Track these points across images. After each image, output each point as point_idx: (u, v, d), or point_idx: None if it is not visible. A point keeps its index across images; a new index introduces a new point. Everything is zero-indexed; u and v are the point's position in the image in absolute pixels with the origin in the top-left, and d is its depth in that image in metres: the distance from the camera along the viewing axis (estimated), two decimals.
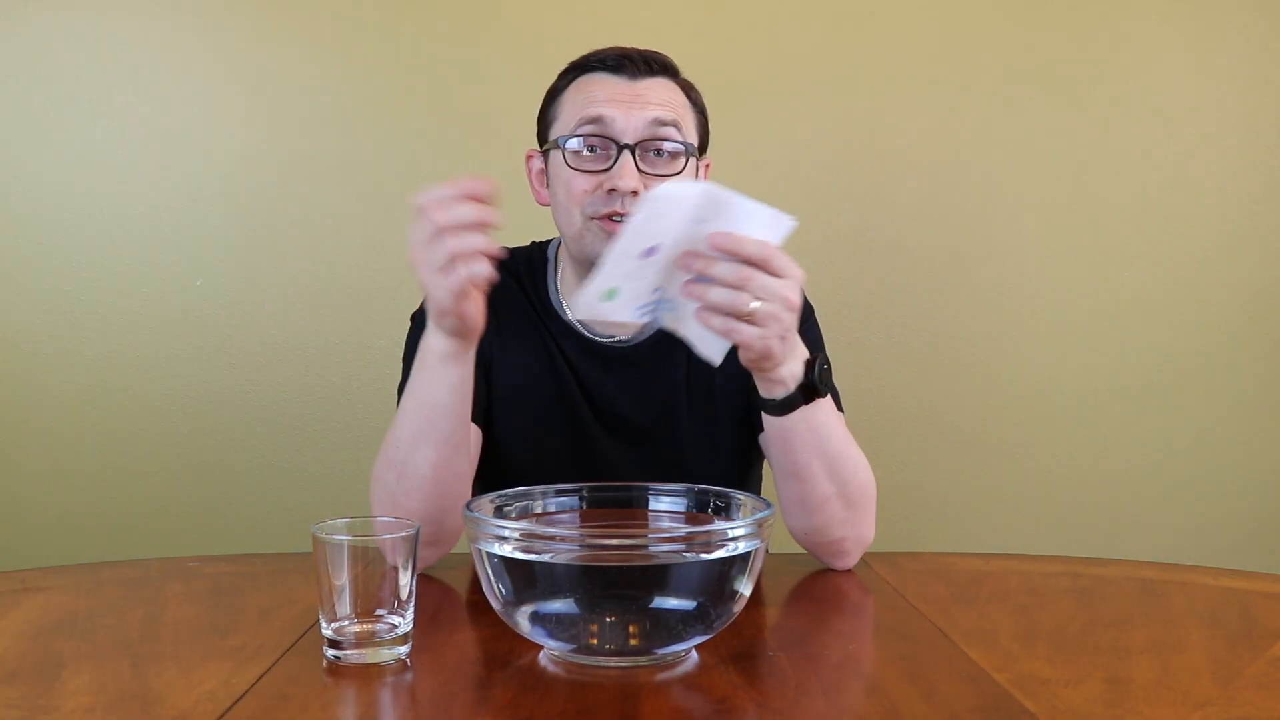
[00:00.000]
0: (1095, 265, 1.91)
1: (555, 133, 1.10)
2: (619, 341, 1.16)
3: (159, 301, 1.83)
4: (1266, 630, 0.92)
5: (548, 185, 1.14)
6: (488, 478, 1.17)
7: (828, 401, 1.00)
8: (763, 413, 1.00)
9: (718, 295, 0.87)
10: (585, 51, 1.14)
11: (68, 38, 1.80)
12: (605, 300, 0.88)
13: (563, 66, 1.14)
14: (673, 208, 0.84)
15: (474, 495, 1.20)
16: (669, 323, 0.91)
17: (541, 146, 1.15)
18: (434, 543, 1.03)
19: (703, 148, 1.14)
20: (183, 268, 1.83)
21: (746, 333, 0.88)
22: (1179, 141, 1.90)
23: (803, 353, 0.97)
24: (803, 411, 0.97)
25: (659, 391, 1.15)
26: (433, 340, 0.95)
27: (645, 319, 0.90)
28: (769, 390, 0.97)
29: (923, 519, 1.92)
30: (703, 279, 0.86)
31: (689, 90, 1.13)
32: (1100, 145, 1.89)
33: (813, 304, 1.22)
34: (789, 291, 0.88)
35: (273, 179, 1.83)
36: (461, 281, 0.86)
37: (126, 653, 0.84)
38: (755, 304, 0.87)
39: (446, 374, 0.95)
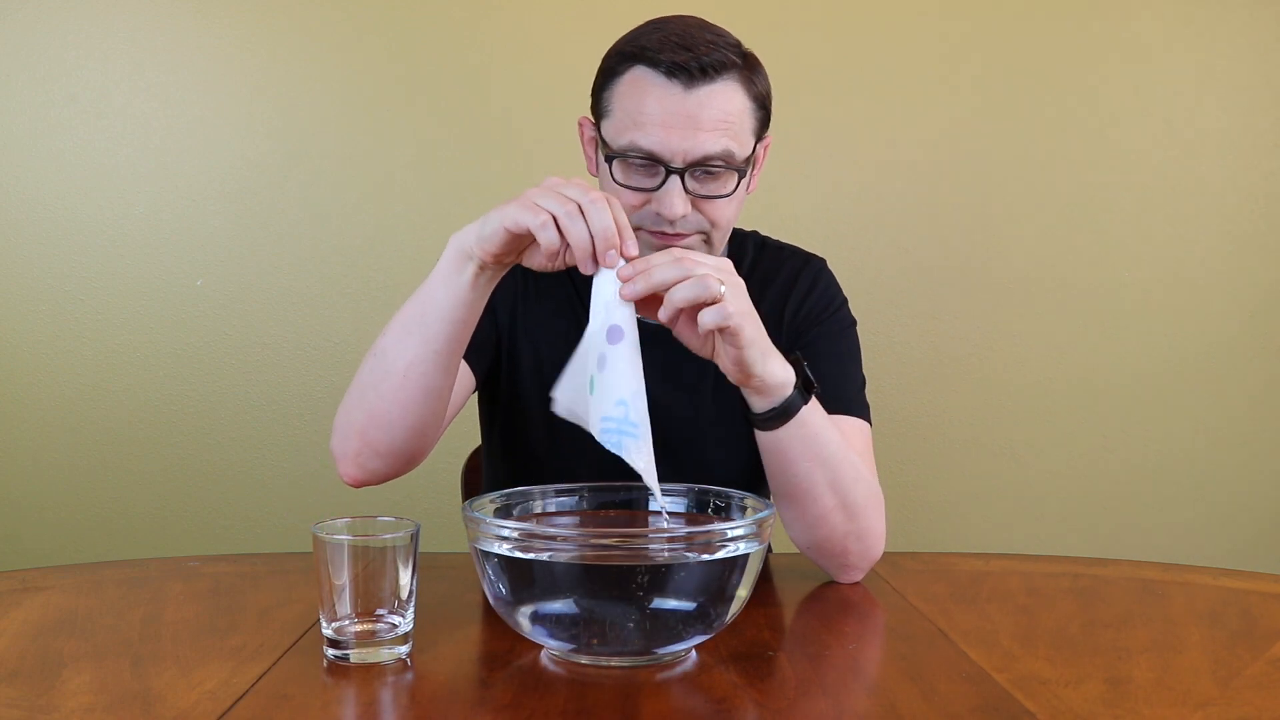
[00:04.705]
0: (1095, 265, 1.91)
1: (605, 130, 1.05)
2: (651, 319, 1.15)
3: (159, 301, 1.83)
4: (1267, 630, 0.92)
5: (598, 169, 1.10)
6: (508, 447, 1.16)
7: (820, 409, 0.98)
8: (760, 431, 0.97)
9: (684, 291, 0.84)
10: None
11: (67, 37, 1.80)
12: (591, 393, 0.83)
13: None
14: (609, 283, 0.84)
15: (492, 471, 1.21)
16: (626, 450, 0.82)
17: (593, 118, 1.09)
18: (386, 454, 0.98)
19: (763, 131, 1.08)
20: (183, 268, 1.83)
21: (733, 318, 0.86)
22: (1179, 141, 1.90)
23: (777, 354, 0.94)
24: (800, 417, 0.95)
25: (686, 373, 1.11)
26: (457, 252, 0.91)
27: (606, 439, 0.82)
28: (764, 399, 0.94)
29: (923, 519, 1.92)
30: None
31: (750, 80, 1.03)
32: (1100, 145, 1.89)
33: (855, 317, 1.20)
34: (720, 261, 0.87)
35: (273, 179, 1.83)
36: (556, 234, 0.84)
37: (127, 652, 0.84)
38: (721, 286, 0.85)
39: (459, 283, 0.91)
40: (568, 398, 0.84)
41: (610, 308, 0.84)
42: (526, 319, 1.14)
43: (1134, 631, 0.92)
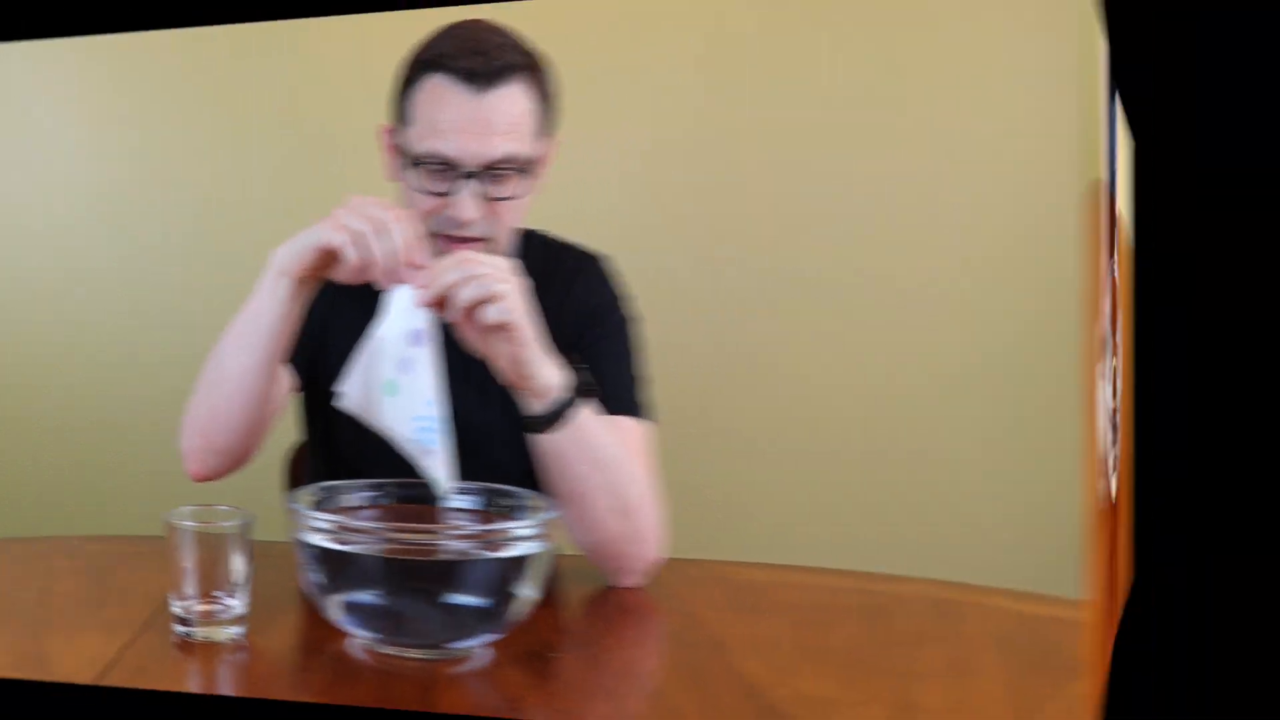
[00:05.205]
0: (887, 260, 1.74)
1: (407, 138, 1.11)
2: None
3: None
4: (1068, 660, 0.89)
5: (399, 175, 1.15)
6: (320, 444, 1.22)
7: (595, 413, 1.03)
8: (535, 436, 1.01)
9: (466, 292, 0.92)
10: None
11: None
12: (388, 395, 0.91)
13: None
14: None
15: (313, 467, 1.25)
16: (437, 445, 0.92)
17: (394, 125, 1.14)
18: (223, 450, 1.08)
19: (549, 130, 1.12)
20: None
21: (510, 314, 0.93)
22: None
23: (552, 357, 0.99)
24: (575, 420, 0.99)
25: (476, 373, 1.12)
26: (275, 269, 1.01)
27: (421, 436, 0.91)
28: (539, 402, 0.99)
29: (706, 524, 1.71)
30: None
31: (536, 82, 1.09)
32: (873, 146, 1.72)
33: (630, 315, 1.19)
34: (501, 262, 0.96)
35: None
36: (354, 249, 0.93)
37: (27, 618, 0.94)
38: (501, 286, 0.93)
39: (276, 297, 1.01)
40: (359, 394, 0.93)
41: (408, 314, 0.94)
42: (335, 324, 1.17)
43: (926, 654, 0.91)
